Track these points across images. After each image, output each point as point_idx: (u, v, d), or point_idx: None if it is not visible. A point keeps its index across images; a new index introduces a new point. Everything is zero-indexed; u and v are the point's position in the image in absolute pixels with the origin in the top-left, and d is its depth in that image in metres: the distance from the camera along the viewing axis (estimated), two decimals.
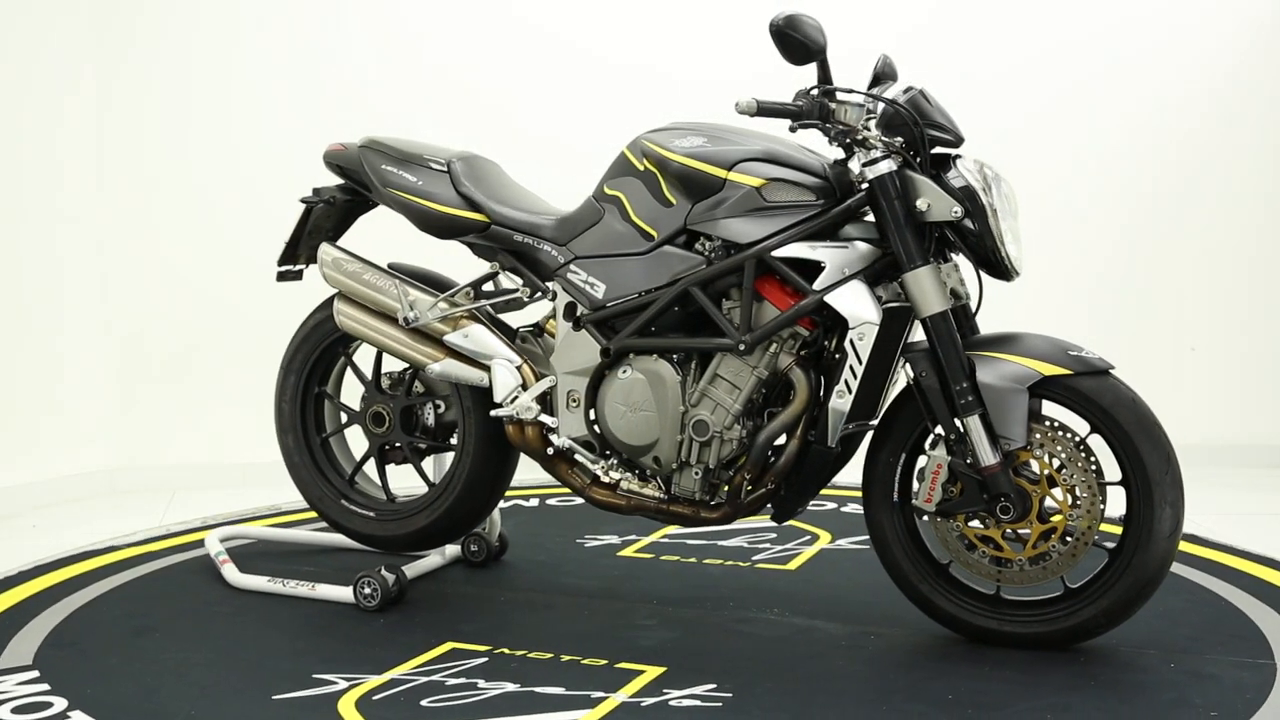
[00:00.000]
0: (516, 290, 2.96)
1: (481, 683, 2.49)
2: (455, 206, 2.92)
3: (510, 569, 3.33)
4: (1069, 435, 2.59)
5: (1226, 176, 4.64)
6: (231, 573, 3.19)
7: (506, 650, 2.67)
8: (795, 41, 2.56)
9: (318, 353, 3.21)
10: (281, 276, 3.20)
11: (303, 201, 3.12)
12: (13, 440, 4.19)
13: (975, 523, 2.64)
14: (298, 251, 3.17)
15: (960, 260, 2.70)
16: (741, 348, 2.65)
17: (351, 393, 3.27)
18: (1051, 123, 4.61)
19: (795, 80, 3.06)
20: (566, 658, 2.63)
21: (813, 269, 2.63)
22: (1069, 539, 2.58)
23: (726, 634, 2.81)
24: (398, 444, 3.14)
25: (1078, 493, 2.57)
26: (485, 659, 2.62)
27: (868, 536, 2.90)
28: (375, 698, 2.42)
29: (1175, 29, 4.59)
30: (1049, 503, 2.60)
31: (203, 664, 2.62)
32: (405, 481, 3.29)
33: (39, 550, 3.53)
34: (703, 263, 2.71)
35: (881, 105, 2.59)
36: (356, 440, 3.28)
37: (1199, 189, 4.65)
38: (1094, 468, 2.57)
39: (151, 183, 4.44)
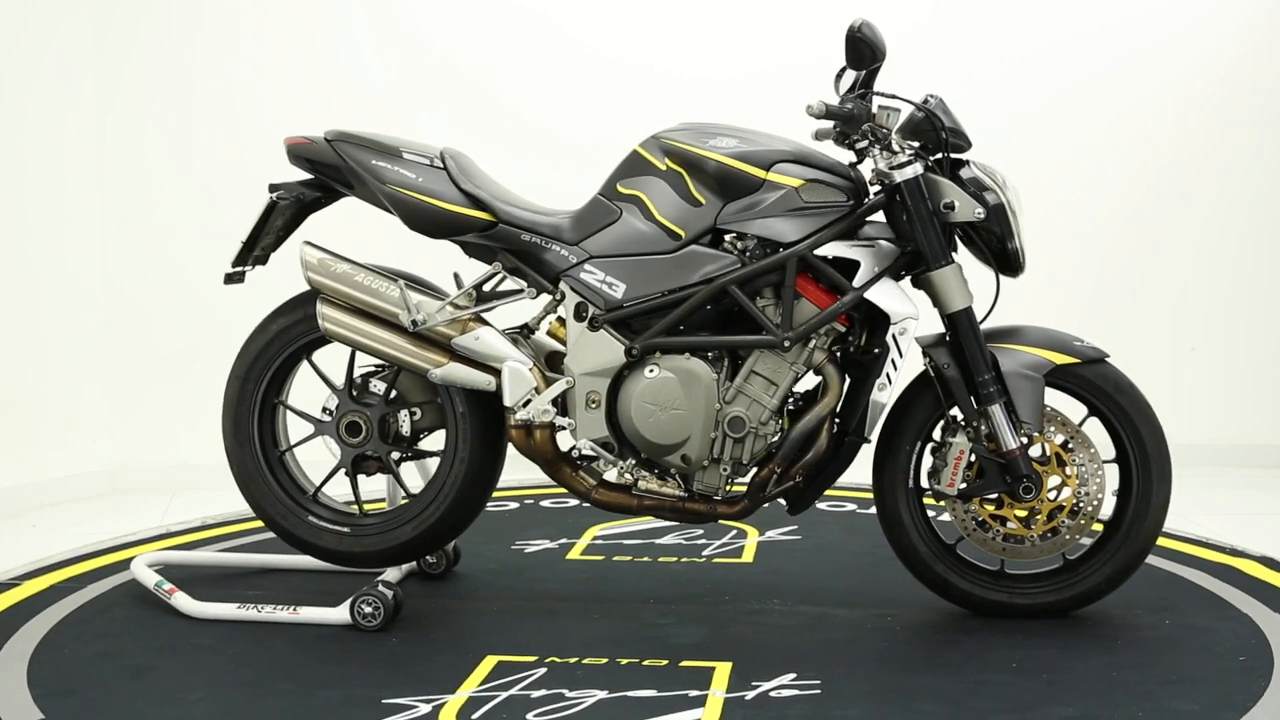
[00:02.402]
0: (521, 291, 2.90)
1: (568, 693, 2.45)
2: (460, 204, 2.83)
3: (471, 579, 3.24)
4: (1068, 419, 2.83)
5: (1226, 176, 4.64)
6: (186, 602, 2.96)
7: (556, 659, 2.63)
8: (866, 47, 2.66)
9: (280, 360, 3.01)
10: (230, 279, 3.04)
11: (277, 198, 2.95)
12: (13, 440, 4.19)
13: (990, 504, 2.83)
14: (253, 252, 3.01)
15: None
16: (786, 345, 2.72)
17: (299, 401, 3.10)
18: (1051, 122, 4.61)
19: (796, 80, 3.07)
20: (625, 661, 2.62)
21: (845, 267, 2.75)
22: (1077, 514, 2.81)
23: (753, 626, 2.86)
24: (374, 454, 2.97)
25: (1087, 471, 2.80)
26: (544, 669, 2.57)
27: (793, 528, 3.35)
28: (474, 716, 2.36)
29: (1175, 29, 4.59)
30: (1054, 479, 2.82)
31: (243, 699, 2.47)
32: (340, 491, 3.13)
33: (39, 550, 3.54)
34: (735, 261, 2.75)
35: (908, 110, 2.74)
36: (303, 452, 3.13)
37: (1199, 189, 4.65)
38: (1094, 448, 2.82)
39: (153, 182, 4.44)
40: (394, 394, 2.98)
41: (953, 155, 2.77)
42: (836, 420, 2.82)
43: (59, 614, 2.98)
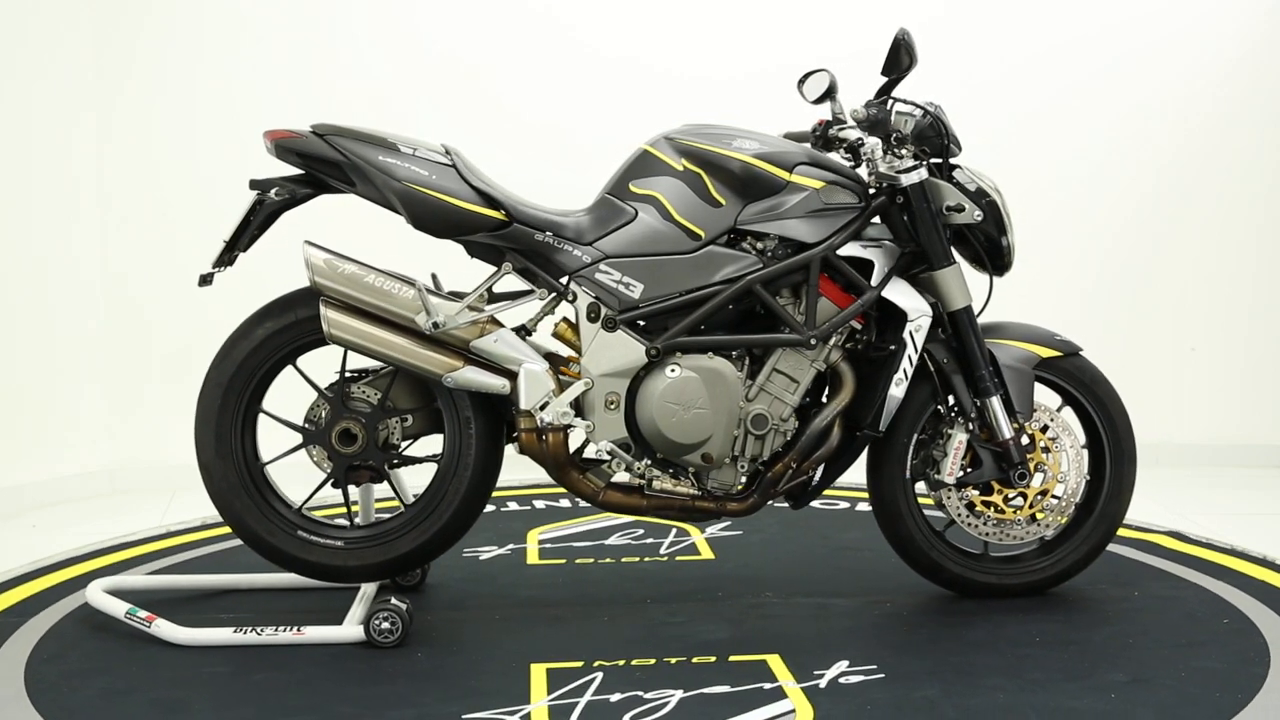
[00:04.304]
0: (532, 291, 2.85)
1: (644, 694, 2.46)
2: (474, 202, 2.73)
3: (448, 590, 3.15)
4: (1050, 408, 3.01)
5: (1226, 177, 4.64)
6: (172, 630, 2.77)
7: (604, 662, 2.63)
8: (906, 55, 2.76)
9: (266, 368, 2.84)
10: (204, 280, 2.86)
11: (273, 195, 2.78)
12: (13, 440, 4.19)
13: (978, 490, 2.97)
14: (233, 253, 2.84)
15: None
16: (813, 343, 2.79)
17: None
18: (1051, 122, 4.61)
19: (795, 80, 3.07)
20: (674, 660, 2.65)
21: (860, 267, 2.84)
22: (1058, 498, 3.01)
23: (767, 619, 2.92)
24: (367, 464, 2.85)
25: (1069, 457, 2.99)
26: (600, 674, 2.57)
27: (727, 523, 3.59)
28: None
29: (1175, 29, 4.59)
30: (1043, 465, 3.00)
31: None
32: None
33: (39, 550, 3.53)
34: (755, 261, 2.80)
35: (919, 115, 2.85)
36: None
37: (1199, 189, 4.65)
38: (1075, 434, 3.01)
39: (153, 182, 4.43)
40: (369, 399, 2.87)
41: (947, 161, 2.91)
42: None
43: (29, 639, 2.81)
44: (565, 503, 4.01)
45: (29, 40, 4.20)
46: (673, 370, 2.78)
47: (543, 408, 2.77)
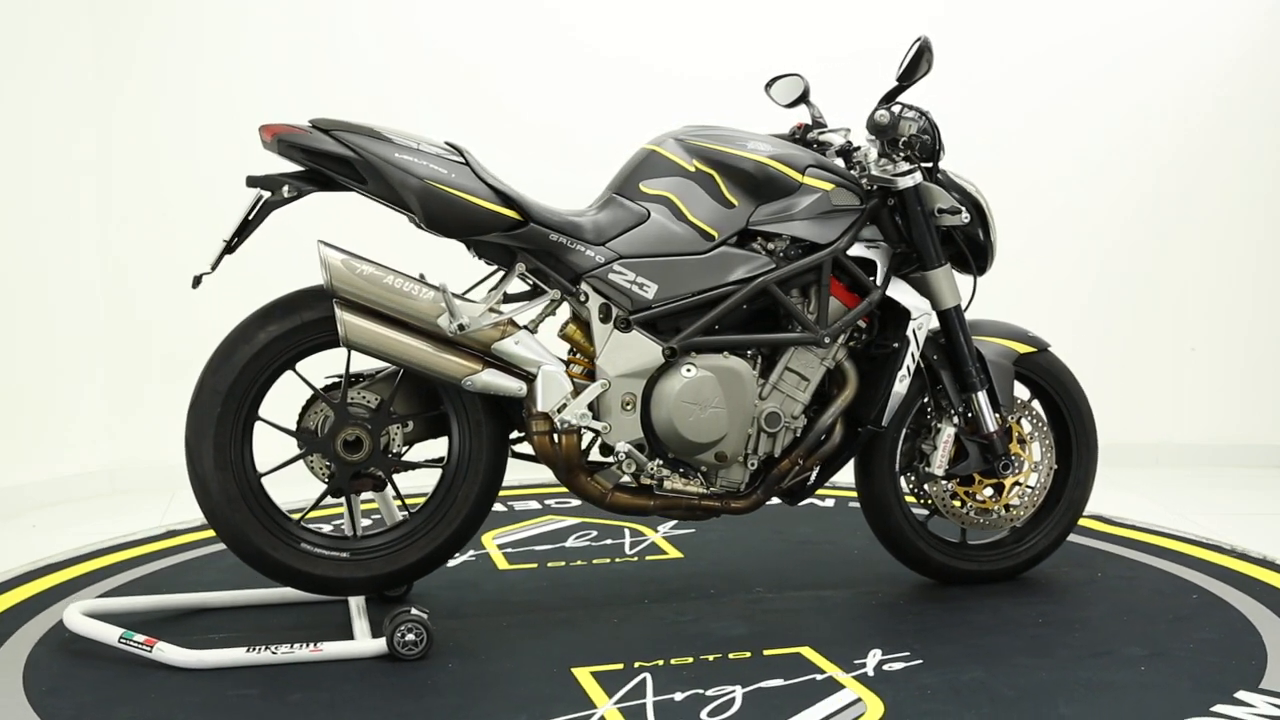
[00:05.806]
0: (545, 292, 2.79)
1: (705, 692, 2.44)
2: (491, 201, 2.65)
3: (438, 599, 3.02)
4: (1026, 402, 3.12)
5: (1226, 177, 4.64)
6: (177, 653, 2.57)
7: (643, 663, 2.60)
8: (926, 63, 2.80)
9: (267, 374, 2.70)
10: (197, 282, 2.72)
11: (284, 193, 2.65)
12: (13, 440, 4.19)
13: (960, 481, 3.06)
14: (229, 253, 2.72)
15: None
16: (826, 341, 2.83)
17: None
18: (1052, 123, 4.61)
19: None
20: (712, 657, 2.64)
21: (863, 267, 2.89)
22: (1032, 486, 3.10)
23: (776, 614, 2.93)
24: (371, 472, 2.74)
25: (1044, 447, 3.12)
26: (647, 675, 2.54)
27: (673, 523, 3.64)
28: None
29: (1175, 29, 4.59)
30: (1021, 456, 3.10)
31: None
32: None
33: (39, 550, 3.53)
34: (768, 261, 2.82)
35: (918, 120, 2.88)
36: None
37: (1199, 189, 4.65)
38: (1047, 426, 3.13)
39: (153, 182, 4.44)
40: (369, 403, 2.77)
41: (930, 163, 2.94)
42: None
43: (17, 660, 2.64)
44: (500, 506, 3.93)
45: (29, 40, 4.20)
46: (689, 370, 2.77)
47: (560, 410, 2.74)
